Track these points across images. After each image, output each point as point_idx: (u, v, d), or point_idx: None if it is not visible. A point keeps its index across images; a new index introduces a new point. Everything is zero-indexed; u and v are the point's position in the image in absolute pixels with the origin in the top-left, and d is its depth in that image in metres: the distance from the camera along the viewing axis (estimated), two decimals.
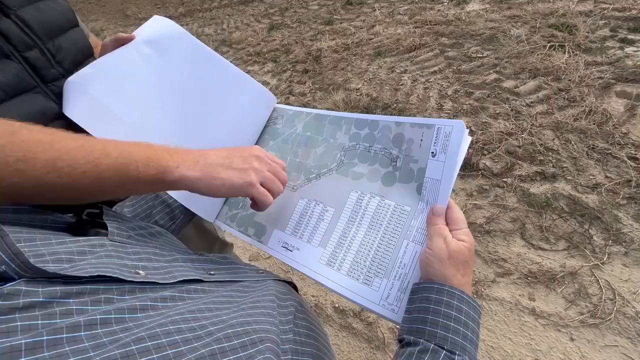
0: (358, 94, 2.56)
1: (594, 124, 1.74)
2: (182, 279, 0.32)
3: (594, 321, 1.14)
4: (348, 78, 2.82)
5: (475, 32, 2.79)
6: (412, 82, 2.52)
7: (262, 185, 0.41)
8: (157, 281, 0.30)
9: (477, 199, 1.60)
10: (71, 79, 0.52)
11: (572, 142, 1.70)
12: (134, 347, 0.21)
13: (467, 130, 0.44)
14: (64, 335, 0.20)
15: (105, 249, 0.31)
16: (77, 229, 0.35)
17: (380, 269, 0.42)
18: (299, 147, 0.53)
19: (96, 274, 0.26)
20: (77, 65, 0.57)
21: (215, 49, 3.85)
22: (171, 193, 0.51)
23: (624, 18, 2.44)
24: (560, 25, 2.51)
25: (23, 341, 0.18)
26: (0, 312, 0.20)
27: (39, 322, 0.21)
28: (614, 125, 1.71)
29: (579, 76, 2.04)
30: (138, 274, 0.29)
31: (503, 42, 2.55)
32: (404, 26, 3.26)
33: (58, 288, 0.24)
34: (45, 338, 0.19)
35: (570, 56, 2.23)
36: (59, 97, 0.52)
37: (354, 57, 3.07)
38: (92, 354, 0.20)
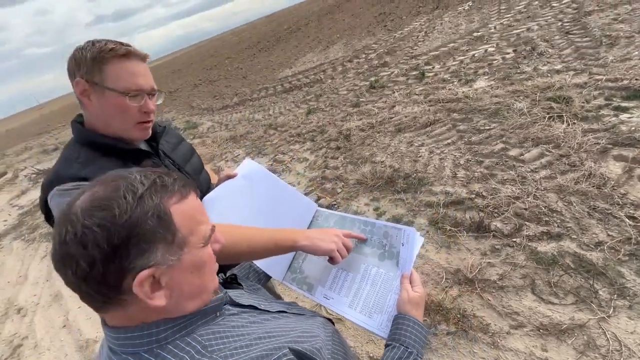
0: (382, 166, 2.99)
1: (593, 186, 1.96)
2: (278, 310, 0.69)
3: None
4: (374, 152, 3.30)
5: (482, 107, 3.22)
6: (429, 154, 2.91)
7: (337, 250, 0.78)
8: (268, 310, 0.67)
9: (490, 257, 1.82)
10: (205, 198, 0.98)
11: (575, 204, 1.91)
12: (273, 329, 0.59)
13: (419, 233, 0.80)
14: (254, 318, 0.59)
15: (245, 294, 0.70)
16: (226, 285, 0.76)
17: (377, 308, 0.75)
18: None
19: (248, 304, 0.65)
20: (198, 177, 1.02)
21: (264, 132, 4.67)
22: (258, 264, 0.91)
23: (617, 88, 2.73)
24: (558, 98, 2.85)
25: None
26: (232, 315, 0.58)
27: (242, 318, 0.59)
28: (612, 187, 1.92)
29: (577, 143, 2.31)
30: (260, 306, 0.68)
31: (507, 115, 2.93)
32: (420, 105, 3.80)
33: (238, 309, 0.62)
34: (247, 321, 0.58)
35: (568, 125, 2.52)
36: None
37: (378, 134, 3.59)
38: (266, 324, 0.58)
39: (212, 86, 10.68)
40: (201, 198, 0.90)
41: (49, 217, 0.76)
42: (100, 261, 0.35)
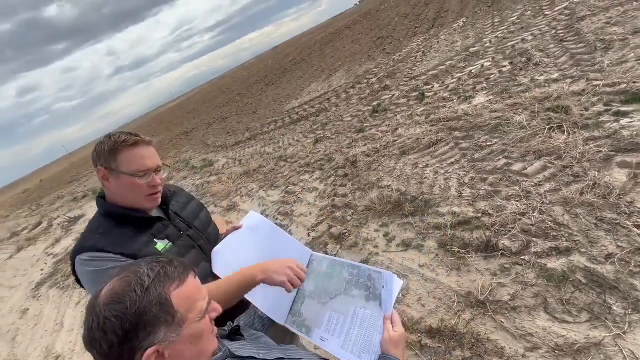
0: (389, 190, 3.06)
1: (599, 196, 1.95)
2: (276, 357, 0.78)
3: None
4: (380, 177, 3.39)
5: (483, 123, 3.28)
6: (434, 175, 2.97)
7: (289, 281, 0.87)
8: (266, 359, 0.77)
9: (500, 277, 1.83)
10: (214, 250, 1.10)
11: (581, 216, 1.91)
12: None
13: (396, 276, 0.88)
14: None
15: (246, 345, 0.80)
16: (230, 336, 0.86)
17: (365, 348, 0.82)
18: (325, 279, 1.00)
19: (247, 355, 0.74)
20: (207, 230, 1.14)
21: (275, 164, 4.88)
22: (263, 310, 1.01)
23: (616, 92, 2.74)
24: (556, 108, 2.88)
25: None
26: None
27: None
28: (618, 195, 1.91)
29: (579, 153, 2.32)
30: (259, 355, 0.77)
31: (508, 130, 2.98)
32: (422, 126, 3.90)
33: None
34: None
35: (569, 135, 2.54)
36: (208, 259, 1.09)
37: (383, 158, 3.69)
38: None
39: (225, 123, 11.23)
40: (211, 249, 1.03)
41: (78, 280, 0.91)
42: (117, 344, 0.47)
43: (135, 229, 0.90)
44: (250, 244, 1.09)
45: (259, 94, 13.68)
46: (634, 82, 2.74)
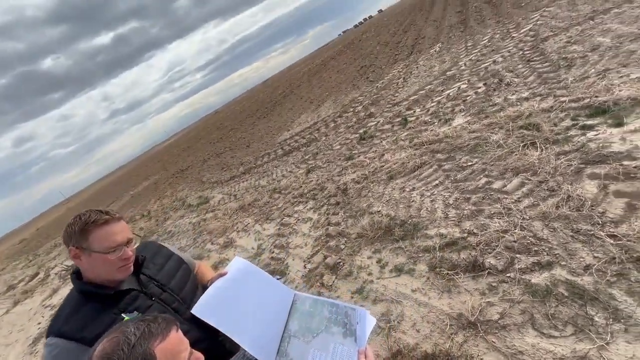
0: (379, 216, 3.15)
1: (573, 209, 2.05)
2: None
3: None
4: (370, 203, 3.48)
5: (463, 144, 3.43)
6: (420, 198, 3.07)
7: None
8: None
9: (489, 296, 1.87)
10: (200, 300, 1.15)
11: (559, 230, 1.99)
12: None
13: (369, 312, 0.96)
14: None
15: None
16: None
17: None
18: (308, 317, 1.07)
19: None
20: (183, 290, 1.17)
21: (270, 197, 4.98)
22: (251, 352, 1.05)
23: (580, 107, 2.93)
24: (529, 125, 3.05)
25: None
26: None
27: None
28: (590, 206, 2.01)
29: (552, 167, 2.44)
30: None
31: (486, 149, 3.12)
32: (407, 150, 4.06)
33: None
34: None
35: (542, 151, 2.68)
36: (183, 320, 1.12)
37: (372, 184, 3.81)
38: None
39: (220, 158, 11.44)
40: (186, 309, 1.05)
41: None
42: None
43: (103, 305, 0.93)
44: (235, 289, 1.15)
45: (252, 127, 14.06)
46: (595, 97, 2.93)
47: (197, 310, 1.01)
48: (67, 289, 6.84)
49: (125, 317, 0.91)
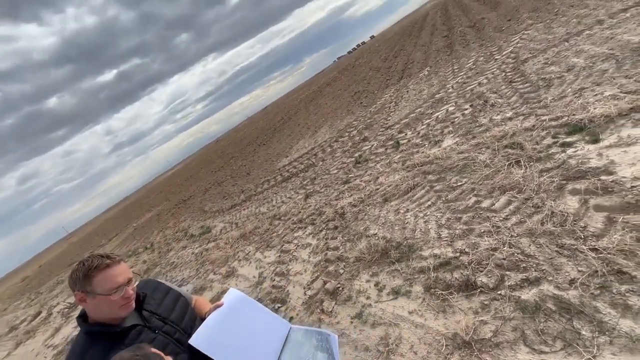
0: (376, 239, 3.22)
1: (556, 225, 2.14)
2: None
3: None
4: (367, 226, 3.56)
5: (452, 165, 3.56)
6: (414, 219, 3.16)
7: None
8: None
9: (482, 315, 1.92)
10: (197, 331, 1.22)
11: (544, 245, 2.07)
12: None
13: (337, 336, 1.05)
14: None
15: None
16: None
17: None
18: (299, 347, 1.15)
19: None
20: (183, 321, 1.24)
21: (270, 224, 5.07)
22: None
23: (560, 125, 3.08)
24: (513, 144, 3.19)
25: None
26: None
27: None
28: (573, 221, 2.10)
29: (536, 184, 2.55)
30: None
31: (474, 169, 3.25)
32: (399, 172, 4.19)
33: None
34: None
35: (526, 169, 2.80)
36: (185, 350, 1.19)
37: (368, 207, 3.90)
38: None
39: (221, 187, 11.61)
40: (186, 339, 1.11)
41: None
42: None
43: (110, 343, 1.00)
44: (231, 319, 1.23)
45: (252, 155, 14.35)
46: (573, 115, 3.09)
47: (194, 341, 1.07)
48: (69, 327, 6.77)
49: None
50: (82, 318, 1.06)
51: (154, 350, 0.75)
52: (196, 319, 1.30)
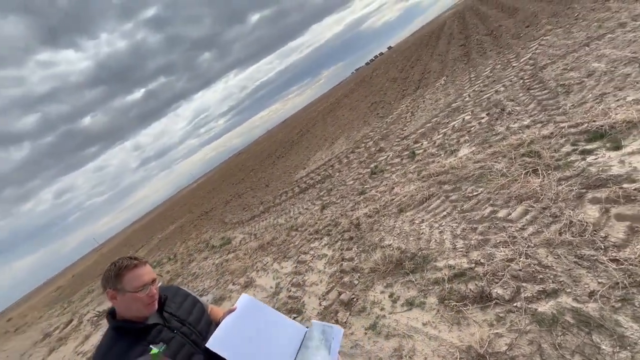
0: (391, 249, 3.21)
1: (575, 235, 2.07)
2: None
3: None
4: (382, 237, 3.56)
5: (468, 175, 3.52)
6: (429, 229, 3.13)
7: None
8: None
9: (497, 327, 1.88)
10: (212, 337, 1.29)
11: (562, 256, 2.01)
12: None
13: (343, 330, 1.10)
14: None
15: None
16: None
17: None
18: (312, 342, 1.21)
19: None
20: (199, 324, 1.34)
21: (287, 235, 5.16)
22: None
23: (579, 132, 3.00)
24: (530, 153, 3.13)
25: None
26: None
27: None
28: (592, 231, 2.03)
29: (554, 193, 2.49)
30: None
31: (490, 178, 3.20)
32: (415, 182, 4.18)
33: None
34: None
35: (543, 177, 2.73)
36: (201, 351, 1.26)
37: (383, 218, 3.90)
38: None
39: (241, 199, 11.90)
40: (202, 340, 1.20)
41: None
42: None
43: (134, 339, 1.11)
44: (244, 325, 1.30)
45: (271, 167, 14.65)
46: (593, 121, 3.00)
47: (211, 344, 1.14)
48: (98, 334, 7.07)
49: (153, 348, 1.08)
50: (112, 315, 1.18)
51: None
52: (211, 323, 1.38)
